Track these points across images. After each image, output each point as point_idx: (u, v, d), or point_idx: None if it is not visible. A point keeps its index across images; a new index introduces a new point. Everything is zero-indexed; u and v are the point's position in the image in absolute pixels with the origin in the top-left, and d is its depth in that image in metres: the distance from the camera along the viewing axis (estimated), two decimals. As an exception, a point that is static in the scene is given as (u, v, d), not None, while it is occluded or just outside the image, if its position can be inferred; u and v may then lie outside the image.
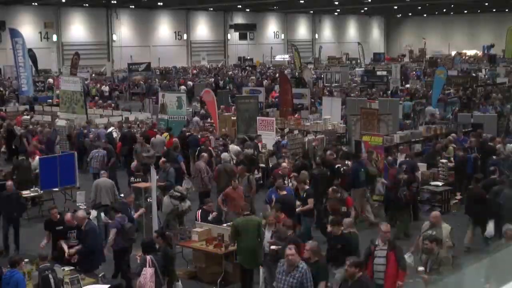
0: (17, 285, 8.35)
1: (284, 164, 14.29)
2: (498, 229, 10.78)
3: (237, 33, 66.22)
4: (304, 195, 12.10)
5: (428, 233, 9.19)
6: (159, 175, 13.58)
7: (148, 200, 12.43)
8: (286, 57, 63.76)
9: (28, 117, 25.07)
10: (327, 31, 76.73)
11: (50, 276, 8.62)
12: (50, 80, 38.43)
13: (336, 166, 13.94)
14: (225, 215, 12.51)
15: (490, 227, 11.47)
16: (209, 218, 11.47)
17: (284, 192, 11.89)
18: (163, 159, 15.00)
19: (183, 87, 36.65)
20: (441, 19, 76.37)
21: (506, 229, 9.10)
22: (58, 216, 10.78)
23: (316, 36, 74.45)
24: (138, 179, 13.82)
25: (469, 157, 15.29)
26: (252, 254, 9.98)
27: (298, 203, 11.95)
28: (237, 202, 12.30)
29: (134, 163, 15.62)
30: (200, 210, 11.77)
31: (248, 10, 65.69)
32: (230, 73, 49.02)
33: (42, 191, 14.89)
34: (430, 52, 64.90)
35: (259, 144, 17.71)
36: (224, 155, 14.96)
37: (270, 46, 65.61)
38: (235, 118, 21.82)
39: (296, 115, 22.54)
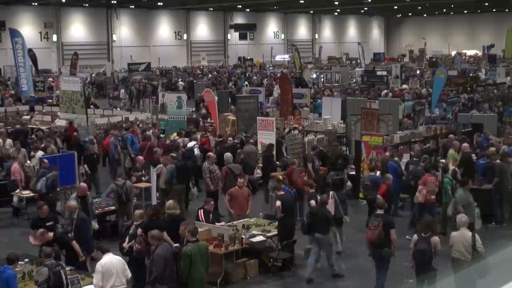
0: (8, 281, 8.35)
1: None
2: None
3: (237, 33, 66.20)
4: None
5: None
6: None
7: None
8: (286, 57, 63.75)
9: (28, 117, 25.05)
10: (327, 31, 76.71)
11: (62, 272, 8.61)
12: (50, 79, 38.51)
13: None
14: (231, 217, 12.49)
15: None
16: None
17: (282, 192, 11.90)
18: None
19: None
20: (441, 19, 76.36)
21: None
22: (47, 213, 10.87)
23: (316, 36, 74.43)
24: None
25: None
26: (202, 285, 9.34)
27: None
28: (240, 203, 12.32)
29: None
30: (202, 210, 11.75)
31: (248, 10, 65.68)
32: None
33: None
34: (430, 52, 64.88)
35: (259, 144, 17.73)
36: (227, 155, 14.83)
37: (270, 46, 65.60)
38: (235, 118, 21.83)
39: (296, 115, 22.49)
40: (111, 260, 8.76)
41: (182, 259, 9.15)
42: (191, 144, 17.37)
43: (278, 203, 11.35)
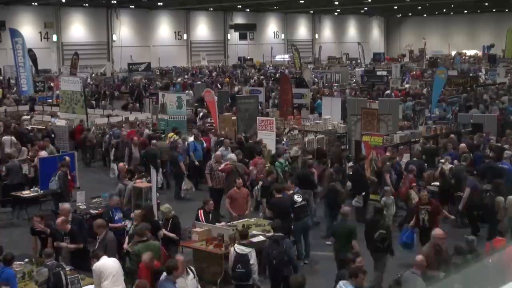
0: (7, 280, 8.45)
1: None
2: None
3: (237, 33, 66.19)
4: None
5: None
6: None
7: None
8: (286, 57, 63.71)
9: (28, 117, 25.03)
10: (327, 31, 76.70)
11: (61, 272, 8.67)
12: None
13: None
14: (231, 218, 12.50)
15: None
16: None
17: (280, 195, 11.88)
18: None
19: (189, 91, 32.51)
20: (441, 19, 76.34)
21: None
22: (41, 225, 10.46)
23: (316, 36, 74.43)
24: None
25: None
26: None
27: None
28: (239, 203, 12.31)
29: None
30: (202, 210, 11.74)
31: (248, 10, 65.68)
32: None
33: (41, 191, 14.81)
34: (430, 52, 64.86)
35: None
36: (231, 155, 14.96)
37: (270, 46, 65.58)
38: (235, 118, 21.80)
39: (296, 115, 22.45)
40: (107, 262, 8.82)
41: (131, 259, 9.45)
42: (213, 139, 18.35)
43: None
